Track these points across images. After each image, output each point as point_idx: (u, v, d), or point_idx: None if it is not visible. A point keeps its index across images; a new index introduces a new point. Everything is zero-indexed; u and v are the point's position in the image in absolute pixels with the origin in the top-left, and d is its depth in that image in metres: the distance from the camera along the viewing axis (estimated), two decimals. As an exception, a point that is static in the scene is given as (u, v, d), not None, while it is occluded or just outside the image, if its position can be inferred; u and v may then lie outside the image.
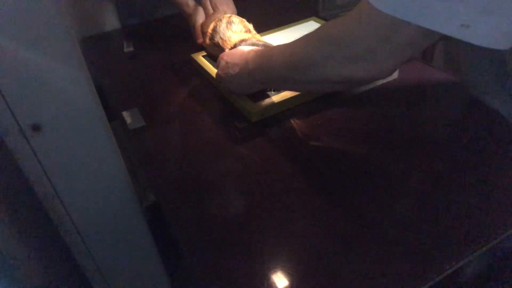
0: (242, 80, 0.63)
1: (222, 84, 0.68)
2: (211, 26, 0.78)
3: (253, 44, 0.69)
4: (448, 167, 0.54)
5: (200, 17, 0.86)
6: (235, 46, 0.70)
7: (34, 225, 0.63)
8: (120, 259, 0.64)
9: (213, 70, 0.76)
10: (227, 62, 0.65)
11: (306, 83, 0.54)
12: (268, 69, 0.58)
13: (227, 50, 0.71)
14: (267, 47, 0.67)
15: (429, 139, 0.60)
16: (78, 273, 0.64)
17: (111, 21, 1.06)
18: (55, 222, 0.54)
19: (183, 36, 0.93)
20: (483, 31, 0.35)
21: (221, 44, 0.74)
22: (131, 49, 0.94)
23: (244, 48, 0.66)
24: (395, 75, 0.73)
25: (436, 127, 0.63)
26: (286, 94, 0.68)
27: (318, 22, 0.91)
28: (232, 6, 0.86)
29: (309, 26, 0.90)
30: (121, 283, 0.67)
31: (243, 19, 0.78)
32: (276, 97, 0.67)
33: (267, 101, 0.66)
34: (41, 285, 0.62)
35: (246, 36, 0.73)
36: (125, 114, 0.70)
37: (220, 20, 0.77)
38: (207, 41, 0.79)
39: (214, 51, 0.78)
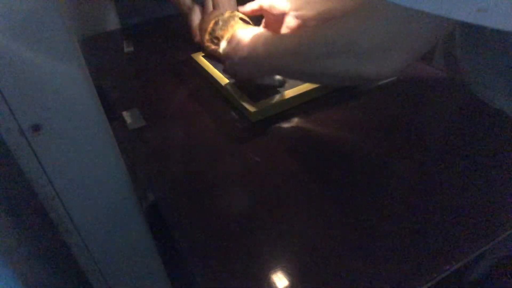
0: (249, 64, 0.61)
1: (228, 63, 0.66)
2: (213, 21, 0.77)
3: None
4: (449, 166, 0.54)
5: (197, 16, 0.85)
6: None
7: (34, 225, 0.63)
8: (120, 259, 0.64)
9: (213, 70, 0.76)
10: (239, 42, 0.62)
11: (313, 76, 0.53)
12: (276, 56, 0.56)
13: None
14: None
15: (429, 139, 0.60)
16: (78, 273, 0.64)
17: (111, 21, 1.06)
18: (55, 222, 0.54)
19: (183, 36, 0.93)
20: (501, 14, 0.35)
21: (221, 37, 0.74)
22: (131, 49, 0.94)
23: (258, 30, 0.64)
24: (395, 75, 0.73)
25: (436, 127, 0.63)
26: (286, 94, 0.68)
27: (318, 22, 0.91)
28: (234, 5, 0.86)
29: (309, 26, 0.90)
30: (121, 283, 0.67)
31: (245, 16, 0.78)
32: (276, 97, 0.67)
33: (267, 101, 0.66)
34: (41, 285, 0.62)
35: (246, 27, 0.72)
36: (125, 114, 0.70)
37: (222, 14, 0.77)
38: (206, 36, 0.79)
39: (212, 50, 0.78)
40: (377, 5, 0.41)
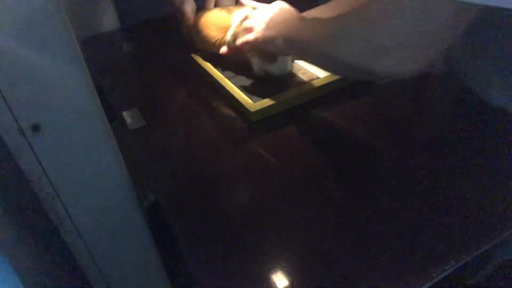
0: (278, 40, 0.59)
1: (255, 33, 0.63)
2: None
3: None
4: (448, 166, 0.54)
5: (190, 5, 0.83)
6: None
7: (34, 225, 0.63)
8: (120, 259, 0.64)
9: (213, 70, 0.76)
10: (271, 18, 0.61)
11: (327, 62, 0.53)
12: (304, 37, 0.55)
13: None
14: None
15: (429, 138, 0.60)
16: (78, 273, 0.64)
17: (111, 21, 1.06)
18: (55, 222, 0.54)
19: (183, 36, 0.93)
20: None
21: (232, 10, 0.73)
22: (131, 49, 0.94)
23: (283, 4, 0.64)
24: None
25: (435, 125, 0.63)
26: (286, 94, 0.68)
27: (318, 22, 0.91)
28: (233, 5, 0.85)
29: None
30: (121, 283, 0.67)
31: None
32: (276, 97, 0.67)
33: (267, 101, 0.66)
34: (41, 285, 0.62)
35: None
36: (125, 114, 0.70)
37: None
38: (216, 9, 0.76)
39: (204, 42, 0.76)
40: (393, 3, 0.40)
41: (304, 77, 0.72)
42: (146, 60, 0.91)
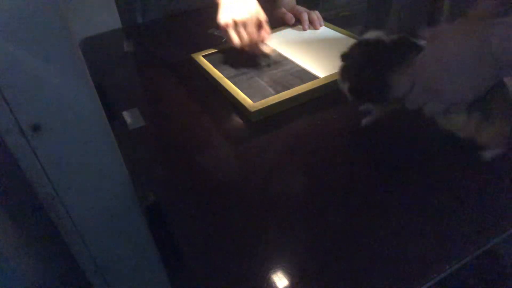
0: None
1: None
2: None
3: None
4: (448, 167, 0.54)
5: None
6: None
7: (34, 225, 0.63)
8: (120, 259, 0.64)
9: (213, 70, 0.76)
10: None
11: None
12: None
13: None
14: None
15: (428, 139, 0.60)
16: (78, 273, 0.64)
17: (111, 21, 1.06)
18: (55, 222, 0.54)
19: (183, 36, 0.93)
20: None
21: None
22: (131, 49, 0.94)
23: None
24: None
25: (435, 127, 0.63)
26: (285, 94, 0.68)
27: (318, 22, 0.90)
28: None
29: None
30: (121, 283, 0.67)
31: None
32: (276, 97, 0.67)
33: (267, 101, 0.66)
34: (41, 285, 0.62)
35: None
36: (125, 114, 0.70)
37: None
38: None
39: None
40: None
41: (304, 77, 0.72)
42: (146, 60, 0.91)
